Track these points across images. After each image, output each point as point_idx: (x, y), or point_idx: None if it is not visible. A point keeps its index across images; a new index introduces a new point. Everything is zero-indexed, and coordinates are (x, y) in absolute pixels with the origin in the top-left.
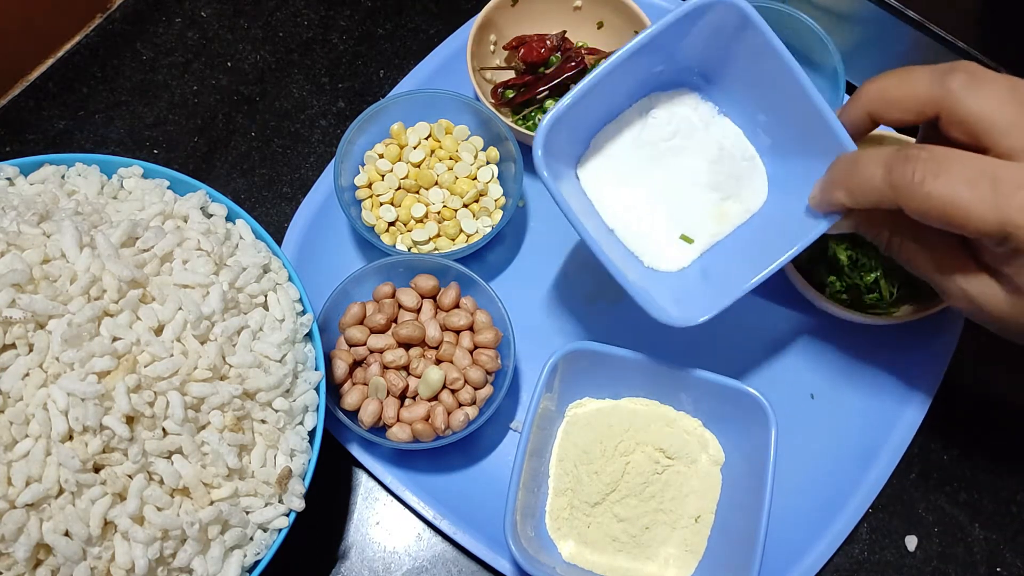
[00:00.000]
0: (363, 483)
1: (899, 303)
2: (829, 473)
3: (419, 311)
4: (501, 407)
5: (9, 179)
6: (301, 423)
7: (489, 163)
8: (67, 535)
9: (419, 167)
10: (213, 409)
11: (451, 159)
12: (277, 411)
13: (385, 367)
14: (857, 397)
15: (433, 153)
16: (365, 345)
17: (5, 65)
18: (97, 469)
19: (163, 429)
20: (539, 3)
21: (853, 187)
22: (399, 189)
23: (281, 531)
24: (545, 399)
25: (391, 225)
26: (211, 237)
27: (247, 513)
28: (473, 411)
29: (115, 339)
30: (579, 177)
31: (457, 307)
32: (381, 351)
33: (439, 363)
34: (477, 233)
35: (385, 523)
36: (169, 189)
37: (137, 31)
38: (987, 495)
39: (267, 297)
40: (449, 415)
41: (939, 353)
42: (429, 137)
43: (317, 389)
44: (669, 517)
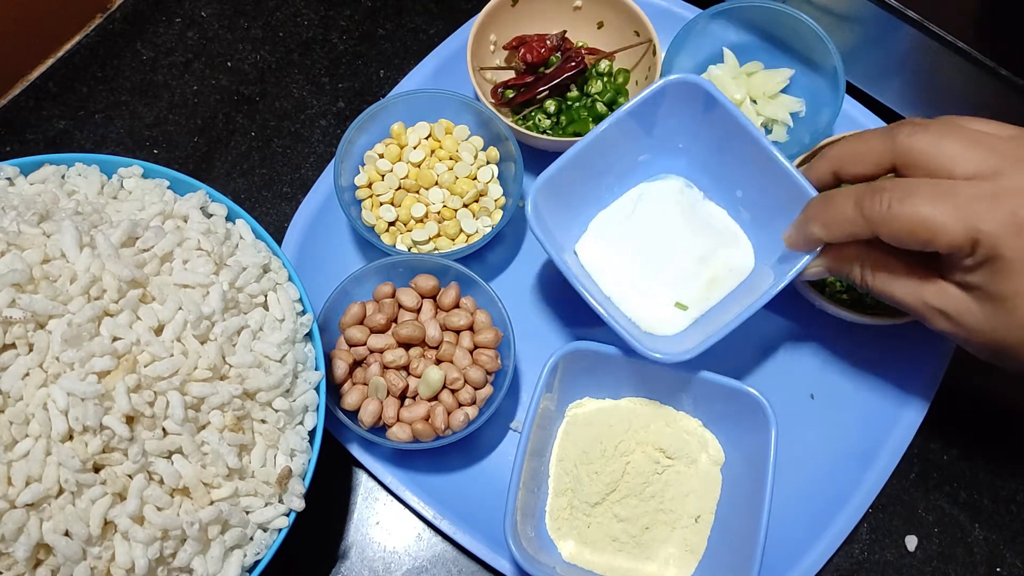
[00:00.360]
0: (363, 483)
1: None
2: (829, 473)
3: (419, 311)
4: (501, 407)
5: (9, 179)
6: (301, 423)
7: (489, 163)
8: (67, 535)
9: (419, 167)
10: (213, 409)
11: (451, 159)
12: (277, 411)
13: (385, 367)
14: (857, 397)
15: (433, 153)
16: (365, 345)
17: (5, 65)
18: (97, 469)
19: (163, 429)
20: (539, 3)
21: (828, 220)
22: (399, 189)
23: (281, 531)
24: (545, 399)
25: (391, 225)
26: (211, 237)
27: (247, 513)
28: (473, 411)
29: (115, 339)
30: (577, 253)
31: (457, 307)
32: (381, 351)
33: (439, 363)
34: (477, 233)
35: (385, 523)
36: (169, 189)
37: (137, 31)
38: (987, 495)
39: (267, 297)
40: (449, 415)
41: (939, 353)
42: (429, 137)
43: (317, 389)
44: (669, 517)
